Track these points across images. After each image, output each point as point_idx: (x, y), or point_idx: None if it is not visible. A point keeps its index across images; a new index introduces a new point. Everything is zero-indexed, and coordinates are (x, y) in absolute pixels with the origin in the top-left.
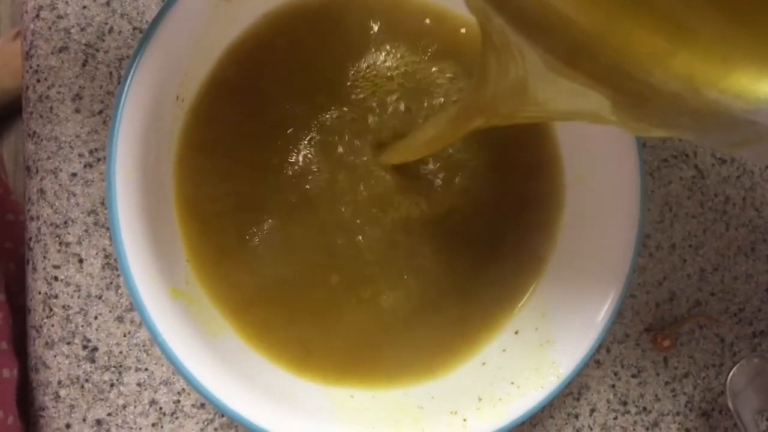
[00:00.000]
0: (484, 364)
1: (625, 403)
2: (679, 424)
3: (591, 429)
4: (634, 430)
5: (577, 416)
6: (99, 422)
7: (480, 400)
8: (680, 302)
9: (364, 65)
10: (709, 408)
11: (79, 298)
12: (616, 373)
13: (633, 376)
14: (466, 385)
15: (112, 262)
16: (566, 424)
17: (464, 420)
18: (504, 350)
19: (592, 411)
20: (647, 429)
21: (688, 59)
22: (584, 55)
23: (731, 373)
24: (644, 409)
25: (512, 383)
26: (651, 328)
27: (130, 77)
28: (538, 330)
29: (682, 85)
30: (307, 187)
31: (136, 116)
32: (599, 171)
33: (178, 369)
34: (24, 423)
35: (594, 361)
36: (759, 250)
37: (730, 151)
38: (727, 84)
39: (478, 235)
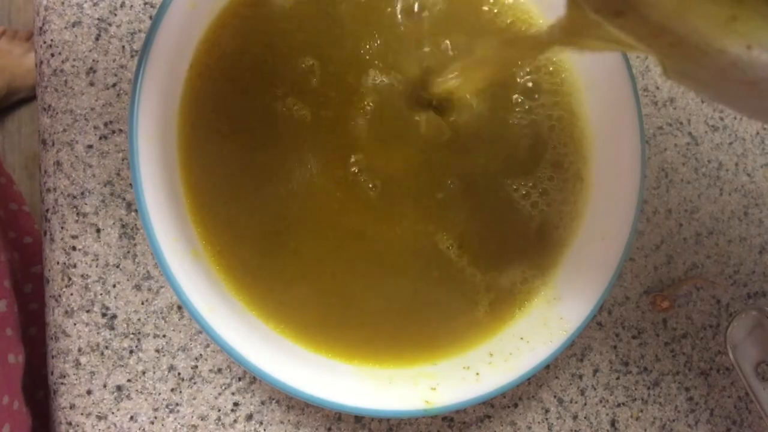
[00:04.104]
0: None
1: (626, 364)
2: (678, 383)
3: (595, 389)
4: (635, 389)
5: (581, 377)
6: (119, 388)
7: (491, 355)
8: (677, 265)
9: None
10: (707, 367)
11: (97, 267)
12: (617, 335)
13: (633, 337)
14: (477, 342)
15: (129, 232)
16: (570, 384)
17: (477, 374)
18: None
19: (596, 371)
20: (648, 388)
21: (747, 29)
22: (635, 16)
23: (730, 326)
24: (645, 369)
25: (522, 339)
26: (650, 290)
27: (150, 45)
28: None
29: (739, 53)
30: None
31: (154, 85)
32: (602, 140)
33: (201, 325)
34: (29, 409)
35: (596, 323)
36: (751, 213)
37: None
38: None
39: (497, 195)
